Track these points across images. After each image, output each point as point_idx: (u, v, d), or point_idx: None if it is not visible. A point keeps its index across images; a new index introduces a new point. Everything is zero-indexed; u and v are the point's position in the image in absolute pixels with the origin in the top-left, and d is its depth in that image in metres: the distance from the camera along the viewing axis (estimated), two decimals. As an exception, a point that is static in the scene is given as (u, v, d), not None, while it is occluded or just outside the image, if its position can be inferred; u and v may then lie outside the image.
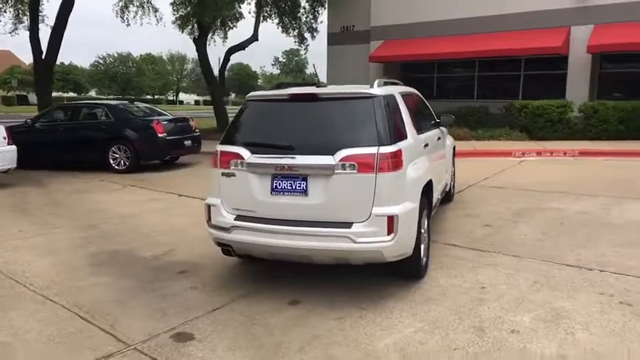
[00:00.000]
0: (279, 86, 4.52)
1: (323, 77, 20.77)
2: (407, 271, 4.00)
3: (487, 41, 15.51)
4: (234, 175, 3.84)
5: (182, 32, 22.91)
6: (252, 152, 3.79)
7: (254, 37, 18.83)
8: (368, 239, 3.48)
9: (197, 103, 60.44)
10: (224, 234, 3.86)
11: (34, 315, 3.60)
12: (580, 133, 12.99)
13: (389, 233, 3.50)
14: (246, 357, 3.01)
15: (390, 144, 3.59)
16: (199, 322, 3.47)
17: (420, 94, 5.78)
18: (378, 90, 3.88)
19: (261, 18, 19.72)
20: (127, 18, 18.06)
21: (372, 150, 3.53)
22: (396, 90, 4.39)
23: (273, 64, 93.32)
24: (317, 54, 22.39)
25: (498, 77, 17.05)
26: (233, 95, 75.50)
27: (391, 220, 3.49)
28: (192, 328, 3.38)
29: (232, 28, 22.50)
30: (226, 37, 22.56)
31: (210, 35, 20.25)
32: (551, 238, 5.19)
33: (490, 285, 3.98)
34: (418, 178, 3.97)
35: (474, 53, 15.88)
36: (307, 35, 22.57)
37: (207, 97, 74.36)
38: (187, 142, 11.20)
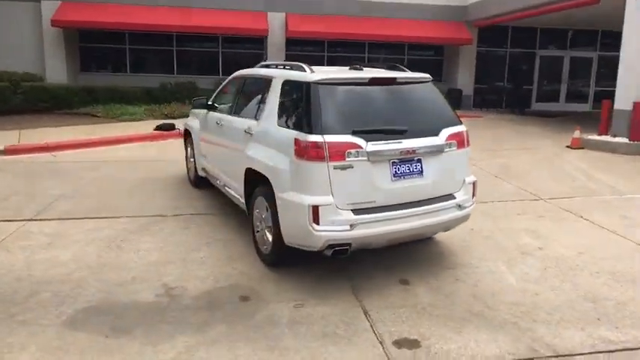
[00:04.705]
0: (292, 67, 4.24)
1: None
2: None
3: (188, 16, 15.61)
4: (352, 167, 3.52)
5: None
6: (367, 140, 3.57)
7: None
8: (467, 204, 4.08)
9: None
10: (345, 233, 3.53)
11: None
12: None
13: (473, 196, 4.19)
14: (479, 329, 3.22)
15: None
16: (389, 326, 3.28)
17: None
18: (423, 73, 4.30)
19: None
20: None
21: (461, 128, 4.07)
22: None
23: None
24: None
25: (198, 53, 17.43)
26: None
27: (474, 186, 4.21)
28: (398, 334, 3.20)
29: None
30: None
31: None
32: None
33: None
34: None
35: (175, 27, 15.71)
36: None
37: None
38: None
